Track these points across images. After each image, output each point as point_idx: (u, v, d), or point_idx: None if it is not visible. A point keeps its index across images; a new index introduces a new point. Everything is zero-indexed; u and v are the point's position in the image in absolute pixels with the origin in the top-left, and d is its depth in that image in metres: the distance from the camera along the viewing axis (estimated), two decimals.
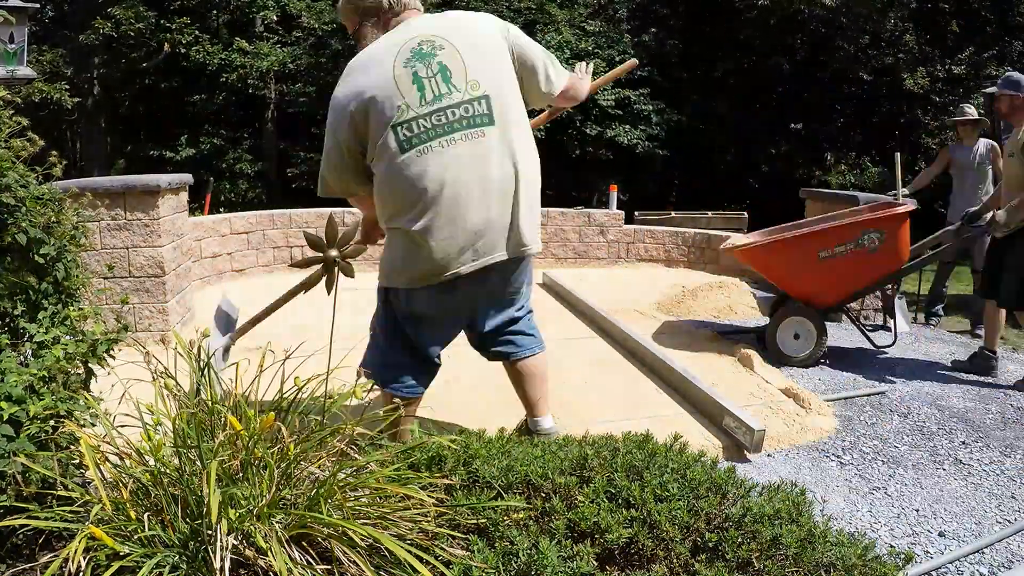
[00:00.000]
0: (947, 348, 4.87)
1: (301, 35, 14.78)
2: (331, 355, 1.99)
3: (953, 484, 2.93)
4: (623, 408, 3.48)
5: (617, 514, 1.75)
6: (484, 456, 1.97)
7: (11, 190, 1.87)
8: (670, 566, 1.69)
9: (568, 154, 13.90)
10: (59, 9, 15.73)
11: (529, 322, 2.80)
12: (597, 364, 4.18)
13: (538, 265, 7.49)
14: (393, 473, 1.77)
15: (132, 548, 1.47)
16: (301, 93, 14.68)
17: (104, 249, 4.22)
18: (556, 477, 1.89)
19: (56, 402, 1.75)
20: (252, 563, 1.49)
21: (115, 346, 2.04)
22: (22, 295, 1.93)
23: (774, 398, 3.70)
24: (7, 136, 1.99)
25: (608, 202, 8.68)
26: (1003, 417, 3.64)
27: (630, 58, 3.76)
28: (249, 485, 1.61)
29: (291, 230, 6.88)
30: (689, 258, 7.69)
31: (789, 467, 3.02)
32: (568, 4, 15.60)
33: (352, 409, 2.11)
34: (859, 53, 14.42)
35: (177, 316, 4.51)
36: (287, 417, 1.95)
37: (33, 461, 1.62)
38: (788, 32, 14.73)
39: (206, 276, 6.06)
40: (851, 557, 1.70)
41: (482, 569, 1.55)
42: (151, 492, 1.62)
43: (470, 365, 4.10)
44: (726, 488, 1.94)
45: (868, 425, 3.48)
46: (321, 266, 1.99)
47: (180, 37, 13.58)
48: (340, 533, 1.53)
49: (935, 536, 2.54)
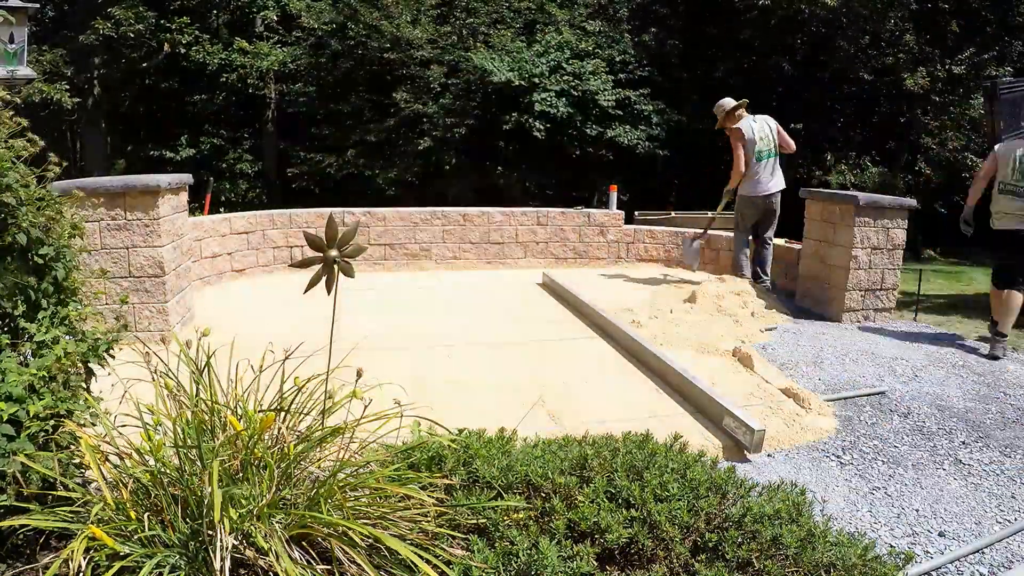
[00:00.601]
0: (947, 348, 4.87)
1: (301, 35, 14.78)
2: (331, 355, 1.99)
3: (953, 484, 2.93)
4: (623, 408, 3.48)
5: (617, 514, 1.75)
6: (484, 456, 1.97)
7: (12, 190, 1.87)
8: (670, 566, 1.69)
9: (568, 154, 13.89)
10: (59, 9, 15.74)
11: None
12: (597, 364, 4.18)
13: (538, 265, 7.50)
14: (393, 473, 1.77)
15: (132, 548, 1.47)
16: (301, 93, 14.68)
17: (104, 249, 4.22)
18: (556, 477, 1.89)
19: (56, 402, 1.75)
20: (252, 563, 1.49)
21: (115, 346, 2.04)
22: (22, 295, 1.93)
23: (774, 398, 3.70)
24: (7, 136, 1.99)
25: (608, 202, 8.68)
26: (1003, 417, 3.64)
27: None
28: (249, 485, 1.61)
29: (291, 230, 6.88)
30: None
31: (789, 467, 3.02)
32: (568, 4, 15.59)
33: (352, 409, 2.11)
34: (859, 53, 14.41)
35: (177, 316, 4.51)
36: (287, 417, 1.95)
37: (33, 461, 1.62)
38: (788, 32, 14.72)
39: (206, 276, 6.06)
40: (851, 557, 1.70)
41: (482, 569, 1.56)
42: (151, 492, 1.62)
43: (470, 365, 4.11)
44: (726, 488, 1.94)
45: (868, 425, 3.48)
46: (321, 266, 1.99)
47: (180, 37, 13.58)
48: (340, 533, 1.54)
49: (935, 536, 2.54)
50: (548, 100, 13.03)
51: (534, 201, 14.12)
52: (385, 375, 3.13)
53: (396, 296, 5.99)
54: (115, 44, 13.90)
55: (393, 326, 4.85)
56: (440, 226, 7.35)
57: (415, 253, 7.31)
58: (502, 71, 13.10)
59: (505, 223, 7.50)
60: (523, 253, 7.57)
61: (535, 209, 7.84)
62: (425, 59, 14.00)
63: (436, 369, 3.96)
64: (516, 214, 7.57)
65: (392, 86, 14.00)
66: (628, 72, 13.94)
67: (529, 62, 13.40)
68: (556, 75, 13.40)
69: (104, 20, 12.95)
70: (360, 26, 13.78)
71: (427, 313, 5.38)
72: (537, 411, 3.30)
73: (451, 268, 7.35)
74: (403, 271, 7.22)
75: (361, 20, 13.67)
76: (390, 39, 13.69)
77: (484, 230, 7.45)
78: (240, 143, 15.49)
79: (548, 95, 13.07)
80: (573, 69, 13.47)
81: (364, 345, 3.48)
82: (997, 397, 3.93)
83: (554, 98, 13.09)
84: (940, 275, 10.83)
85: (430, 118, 13.60)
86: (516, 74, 13.15)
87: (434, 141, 13.66)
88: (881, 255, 5.61)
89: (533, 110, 13.01)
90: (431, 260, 7.34)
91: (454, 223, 7.39)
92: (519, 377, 3.87)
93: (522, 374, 3.92)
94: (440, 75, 13.81)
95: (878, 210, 5.53)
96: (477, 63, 13.32)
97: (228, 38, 14.42)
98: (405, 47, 13.79)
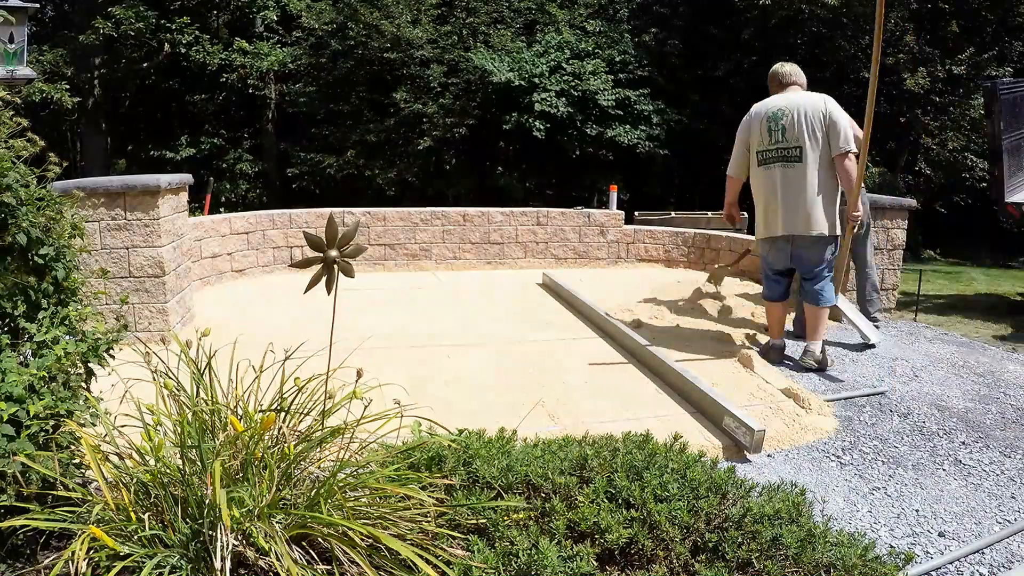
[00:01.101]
0: (947, 348, 4.87)
1: (301, 35, 14.79)
2: (331, 355, 1.99)
3: (953, 484, 2.93)
4: (623, 408, 3.48)
5: (617, 514, 1.76)
6: (484, 456, 1.97)
7: (12, 190, 1.87)
8: (670, 566, 1.69)
9: (568, 154, 13.90)
10: (59, 9, 15.75)
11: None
12: (597, 364, 4.19)
13: (538, 265, 7.50)
14: (393, 473, 1.77)
15: (133, 548, 1.47)
16: (301, 93, 14.68)
17: (104, 249, 4.22)
18: (556, 477, 1.89)
19: (56, 402, 1.75)
20: (252, 563, 1.49)
21: (115, 346, 2.04)
22: (22, 295, 1.93)
23: (774, 398, 3.70)
24: (7, 136, 1.99)
25: (608, 202, 8.69)
26: (1003, 417, 3.64)
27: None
28: (249, 485, 1.61)
29: (291, 230, 6.89)
30: (689, 258, 7.70)
31: (789, 467, 3.02)
32: (568, 4, 15.60)
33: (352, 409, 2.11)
34: (859, 53, 14.43)
35: (177, 316, 4.52)
36: (287, 417, 1.95)
37: (33, 461, 1.62)
38: (788, 32, 14.73)
39: (206, 276, 6.07)
40: (851, 557, 1.70)
41: (482, 569, 1.56)
42: (152, 492, 1.63)
43: (470, 365, 4.11)
44: (726, 488, 1.94)
45: (868, 425, 3.49)
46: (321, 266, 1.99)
47: (180, 37, 13.58)
48: (340, 533, 1.54)
49: (935, 536, 2.54)
50: (548, 100, 13.03)
51: (534, 201, 14.13)
52: (385, 375, 3.14)
53: (396, 296, 5.99)
54: (115, 44, 13.91)
55: (393, 326, 4.86)
56: (440, 226, 7.36)
57: (415, 253, 7.31)
58: (502, 71, 13.11)
59: (505, 223, 7.50)
60: (523, 253, 7.58)
61: (535, 209, 7.85)
62: (425, 59, 14.00)
63: (436, 369, 3.96)
64: (516, 214, 7.57)
65: (392, 86, 14.00)
66: (628, 72, 13.94)
67: (529, 62, 13.40)
68: (556, 75, 13.41)
69: (104, 20, 12.95)
70: (360, 26, 13.78)
71: (427, 313, 5.39)
72: (537, 411, 3.30)
73: (451, 268, 7.36)
74: (403, 271, 7.23)
75: (361, 20, 13.68)
76: (390, 39, 13.69)
77: (484, 230, 7.45)
78: (240, 143, 15.50)
79: (548, 95, 13.08)
80: (573, 69, 13.48)
81: (364, 345, 3.48)
82: (997, 397, 3.93)
83: (554, 98, 13.09)
84: (940, 275, 10.84)
85: (430, 118, 13.61)
86: (516, 74, 13.15)
87: (434, 141, 13.67)
88: (881, 255, 5.61)
89: (533, 110, 13.01)
90: (431, 260, 7.35)
91: (454, 223, 7.39)
92: (519, 377, 3.87)
93: (522, 374, 3.93)
94: (440, 75, 13.82)
95: (878, 210, 5.53)
96: (477, 63, 13.33)
97: (228, 38, 14.42)
98: (405, 47, 13.80)
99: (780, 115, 4.10)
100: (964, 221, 15.53)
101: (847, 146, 4.00)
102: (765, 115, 4.16)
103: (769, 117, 4.14)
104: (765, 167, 4.18)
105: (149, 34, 13.57)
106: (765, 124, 4.15)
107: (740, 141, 4.33)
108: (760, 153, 4.19)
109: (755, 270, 6.73)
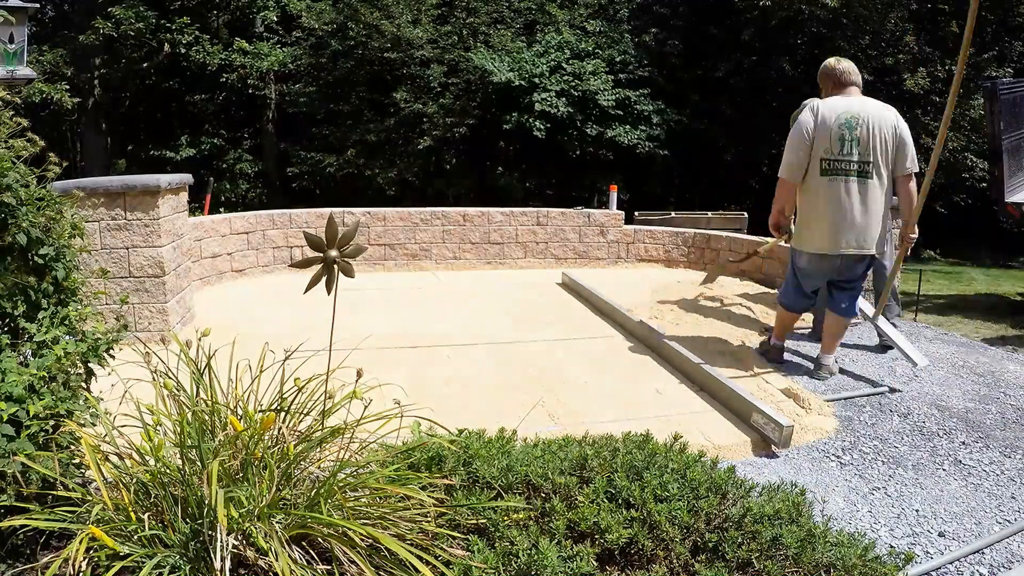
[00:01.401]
0: (947, 348, 4.87)
1: (301, 35, 14.79)
2: (331, 355, 1.99)
3: (953, 484, 2.93)
4: (624, 408, 3.48)
5: (617, 514, 1.75)
6: (484, 456, 1.97)
7: (12, 190, 1.87)
8: (670, 566, 1.69)
9: (568, 154, 13.90)
10: (59, 9, 15.75)
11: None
12: (597, 363, 4.18)
13: (538, 265, 7.50)
14: (393, 473, 1.77)
15: (132, 548, 1.47)
16: (301, 93, 14.68)
17: (104, 249, 4.22)
18: (556, 477, 1.89)
19: (56, 402, 1.75)
20: (252, 563, 1.49)
21: (115, 346, 2.04)
22: (22, 295, 1.93)
23: (774, 398, 3.70)
24: (7, 136, 1.99)
25: (608, 202, 8.68)
26: (1003, 417, 3.64)
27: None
28: (249, 485, 1.61)
29: (291, 230, 6.89)
30: (689, 258, 7.70)
31: (789, 467, 3.02)
32: (568, 4, 15.60)
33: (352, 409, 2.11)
34: (859, 53, 14.43)
35: (177, 316, 4.51)
36: (287, 417, 1.95)
37: (33, 461, 1.62)
38: (788, 32, 14.73)
39: (206, 276, 6.06)
40: (851, 557, 1.70)
41: (482, 569, 1.56)
42: (151, 492, 1.63)
43: (470, 365, 4.11)
44: (726, 488, 1.94)
45: (868, 425, 3.49)
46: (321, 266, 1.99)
47: (180, 37, 13.58)
48: (340, 533, 1.54)
49: (935, 536, 2.54)
50: (548, 100, 13.03)
51: (534, 201, 14.13)
52: (385, 375, 3.14)
53: (396, 296, 5.99)
54: (115, 44, 13.91)
55: (393, 326, 4.85)
56: (440, 226, 7.36)
57: (415, 253, 7.31)
58: (502, 71, 13.11)
59: (505, 223, 7.50)
60: (523, 253, 7.58)
61: (535, 209, 7.85)
62: (425, 59, 14.01)
63: (436, 369, 3.96)
64: (516, 214, 7.57)
65: (392, 86, 14.01)
66: (628, 72, 13.94)
67: (529, 62, 13.40)
68: (556, 75, 13.41)
69: (104, 20, 12.96)
70: (360, 26, 13.79)
71: (427, 313, 5.38)
72: (538, 411, 3.30)
73: (451, 268, 7.36)
74: (403, 271, 7.23)
75: (361, 20, 13.68)
76: (390, 39, 13.69)
77: (484, 230, 7.45)
78: (240, 143, 15.50)
79: (548, 95, 13.08)
80: (573, 69, 13.48)
81: (364, 345, 3.48)
82: (997, 397, 3.93)
83: (554, 98, 13.09)
84: (940, 275, 10.84)
85: (430, 118, 13.61)
86: (516, 74, 13.15)
87: (434, 141, 13.67)
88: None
89: (533, 110, 13.01)
90: (431, 260, 7.35)
91: (454, 223, 7.39)
92: (518, 377, 3.87)
93: (521, 374, 3.92)
94: (440, 75, 13.82)
95: None
96: (477, 63, 13.33)
97: (228, 38, 14.42)
98: (405, 47, 13.80)
99: (854, 124, 3.76)
100: (964, 221, 15.54)
101: (914, 167, 3.84)
102: (837, 121, 3.77)
103: (843, 124, 3.76)
104: (831, 177, 3.80)
105: (149, 34, 13.57)
106: (837, 131, 3.76)
107: (803, 143, 3.85)
108: (827, 161, 3.80)
109: (755, 270, 6.73)
